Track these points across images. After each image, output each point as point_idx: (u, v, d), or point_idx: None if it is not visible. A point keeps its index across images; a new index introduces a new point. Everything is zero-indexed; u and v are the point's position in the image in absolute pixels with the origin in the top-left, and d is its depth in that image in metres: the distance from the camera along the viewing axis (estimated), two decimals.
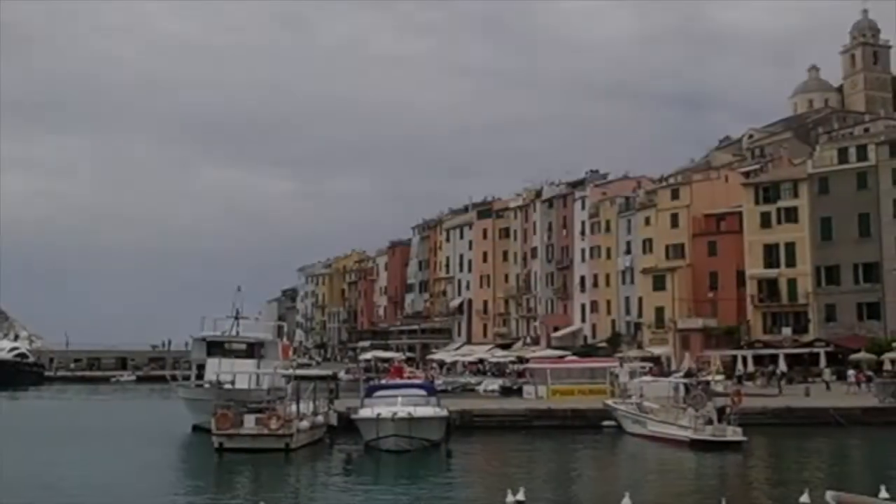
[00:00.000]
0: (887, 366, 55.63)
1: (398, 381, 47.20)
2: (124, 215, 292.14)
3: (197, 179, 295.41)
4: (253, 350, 43.02)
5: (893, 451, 33.18)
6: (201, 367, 42.70)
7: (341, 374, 77.13)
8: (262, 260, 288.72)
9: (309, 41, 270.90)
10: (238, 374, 38.78)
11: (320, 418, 34.82)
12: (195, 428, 37.62)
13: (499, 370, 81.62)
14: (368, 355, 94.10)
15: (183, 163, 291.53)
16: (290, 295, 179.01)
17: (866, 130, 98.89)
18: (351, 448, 32.11)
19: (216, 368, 40.07)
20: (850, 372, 55.63)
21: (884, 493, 19.27)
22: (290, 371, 39.27)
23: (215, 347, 42.67)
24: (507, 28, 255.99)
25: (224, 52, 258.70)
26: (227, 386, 37.80)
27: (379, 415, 31.31)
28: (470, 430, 37.11)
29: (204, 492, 24.79)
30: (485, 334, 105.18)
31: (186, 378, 44.49)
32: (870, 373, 54.82)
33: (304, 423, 32.47)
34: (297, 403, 33.40)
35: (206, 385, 39.65)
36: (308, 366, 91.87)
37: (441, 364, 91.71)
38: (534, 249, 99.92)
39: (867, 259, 65.81)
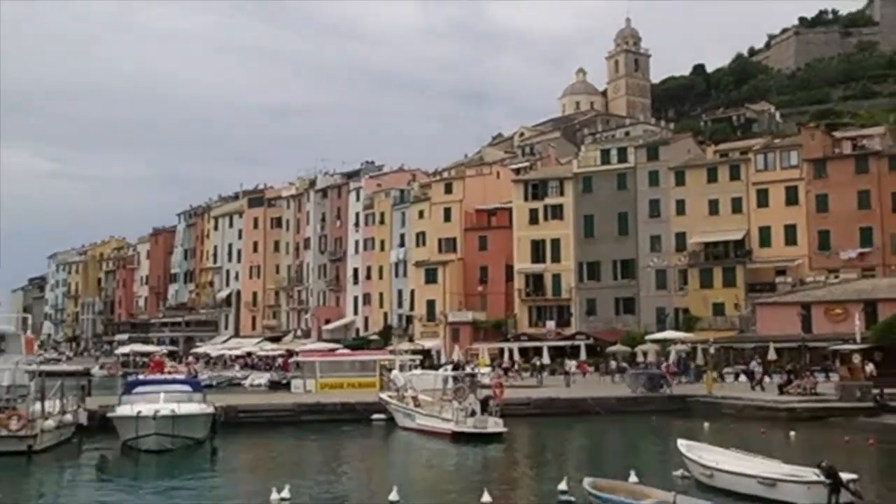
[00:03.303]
0: (640, 357, 59.33)
1: (160, 376, 44.71)
2: None
3: None
4: None
5: (642, 438, 35.04)
6: None
7: (95, 370, 73.03)
8: (7, 245, 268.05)
9: (75, 10, 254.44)
10: None
11: (68, 417, 32.22)
12: None
13: (268, 364, 79.71)
14: (126, 349, 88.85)
15: None
16: (39, 284, 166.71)
17: (627, 134, 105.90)
18: (105, 449, 29.86)
19: None
20: (572, 363, 58.20)
21: (633, 478, 20.21)
22: (34, 367, 35.89)
23: None
24: (288, 11, 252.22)
25: None
26: None
27: (139, 412, 29.38)
28: (236, 427, 35.75)
29: None
30: (254, 327, 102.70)
31: None
32: (626, 364, 58.12)
33: (50, 423, 29.86)
34: (42, 401, 30.60)
35: None
36: (57, 360, 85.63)
37: (204, 357, 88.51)
38: (307, 240, 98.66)
39: (625, 256, 69.89)
